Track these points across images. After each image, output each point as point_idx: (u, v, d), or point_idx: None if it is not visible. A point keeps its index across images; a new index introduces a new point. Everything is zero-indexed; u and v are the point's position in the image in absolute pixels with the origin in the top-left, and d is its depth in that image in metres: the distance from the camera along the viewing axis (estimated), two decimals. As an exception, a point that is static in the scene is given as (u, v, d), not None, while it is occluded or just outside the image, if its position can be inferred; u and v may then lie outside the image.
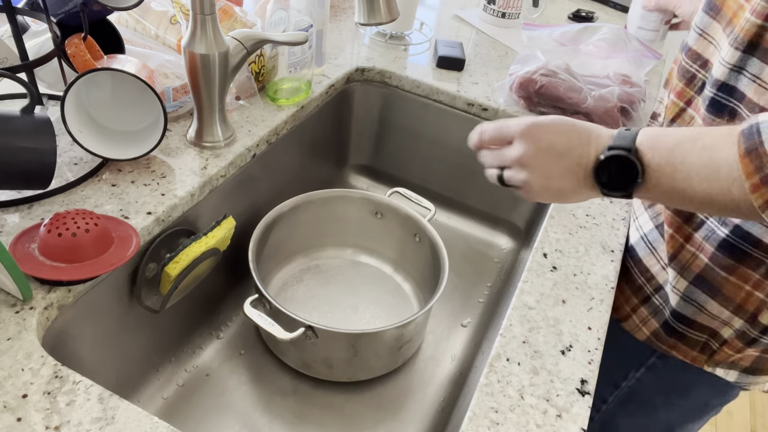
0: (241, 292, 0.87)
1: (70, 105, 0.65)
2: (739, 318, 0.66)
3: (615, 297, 0.75)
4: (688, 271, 0.67)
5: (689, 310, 0.69)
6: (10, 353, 0.50)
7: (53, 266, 0.54)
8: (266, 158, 0.84)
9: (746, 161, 0.44)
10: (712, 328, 0.69)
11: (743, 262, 0.62)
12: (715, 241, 0.64)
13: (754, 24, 0.55)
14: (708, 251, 0.65)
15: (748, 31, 0.55)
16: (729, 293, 0.65)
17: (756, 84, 0.56)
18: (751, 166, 0.44)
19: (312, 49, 0.88)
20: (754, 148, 0.44)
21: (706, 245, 0.65)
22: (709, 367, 0.72)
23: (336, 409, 0.75)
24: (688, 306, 0.68)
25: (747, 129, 0.45)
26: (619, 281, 0.76)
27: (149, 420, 0.47)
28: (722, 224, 0.63)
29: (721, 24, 0.62)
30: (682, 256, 0.67)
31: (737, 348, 0.68)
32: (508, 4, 1.21)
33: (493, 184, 0.58)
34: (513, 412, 0.52)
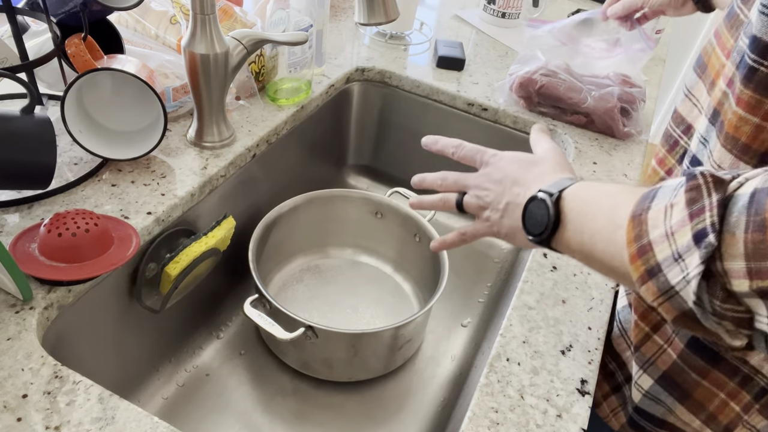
0: (241, 292, 0.87)
1: (70, 105, 0.65)
2: (711, 431, 0.58)
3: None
4: (653, 367, 0.58)
5: (657, 410, 0.61)
6: (10, 353, 0.50)
7: (53, 266, 0.54)
8: (266, 158, 0.84)
9: (630, 226, 0.38)
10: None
11: (717, 365, 0.54)
12: (685, 337, 0.55)
13: (721, 90, 0.47)
14: (677, 347, 0.55)
15: (715, 98, 0.48)
16: (700, 399, 0.56)
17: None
18: (632, 232, 0.37)
19: (312, 49, 0.88)
20: (639, 213, 0.37)
21: (675, 339, 0.56)
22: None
23: (336, 409, 0.75)
24: (655, 405, 0.61)
25: (648, 191, 0.39)
26: None
27: (149, 420, 0.47)
28: None
29: (705, 84, 0.54)
30: (647, 348, 0.58)
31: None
32: (508, 4, 1.21)
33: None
34: (513, 412, 0.52)
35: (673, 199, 0.35)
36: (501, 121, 0.96)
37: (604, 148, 0.89)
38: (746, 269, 0.31)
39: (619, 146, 0.90)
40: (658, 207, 0.36)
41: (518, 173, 0.53)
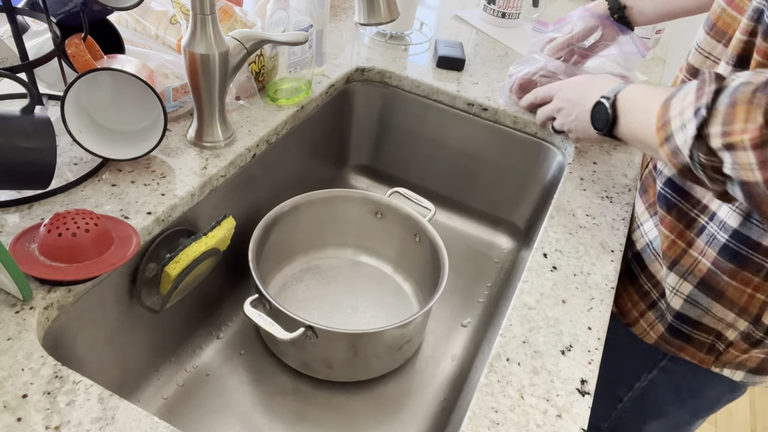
0: (241, 292, 0.87)
1: (70, 105, 0.65)
2: (743, 320, 0.67)
3: (623, 302, 0.79)
4: (692, 275, 0.68)
5: (695, 313, 0.70)
6: (10, 353, 0.50)
7: (53, 266, 0.54)
8: (266, 158, 0.84)
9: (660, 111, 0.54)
10: (718, 330, 0.69)
11: (744, 266, 0.63)
12: (717, 246, 0.64)
13: (741, 41, 0.56)
14: (710, 256, 0.65)
15: (737, 48, 0.57)
16: (732, 296, 0.65)
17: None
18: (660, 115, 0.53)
19: (312, 49, 0.88)
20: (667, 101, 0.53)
21: (708, 250, 0.66)
22: (716, 368, 0.73)
23: (336, 409, 0.75)
24: (693, 308, 0.69)
25: (676, 88, 0.53)
26: (627, 287, 0.78)
27: (149, 420, 0.47)
28: (722, 229, 0.63)
29: (720, 41, 0.64)
30: (685, 261, 0.68)
31: (743, 349, 0.69)
32: (508, 4, 1.21)
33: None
34: (513, 412, 0.52)
35: (688, 89, 0.51)
36: (501, 121, 0.96)
37: (604, 148, 0.89)
38: (721, 131, 0.46)
39: (619, 146, 0.90)
40: (678, 95, 0.52)
41: (583, 88, 0.74)
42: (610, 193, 0.80)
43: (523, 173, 0.98)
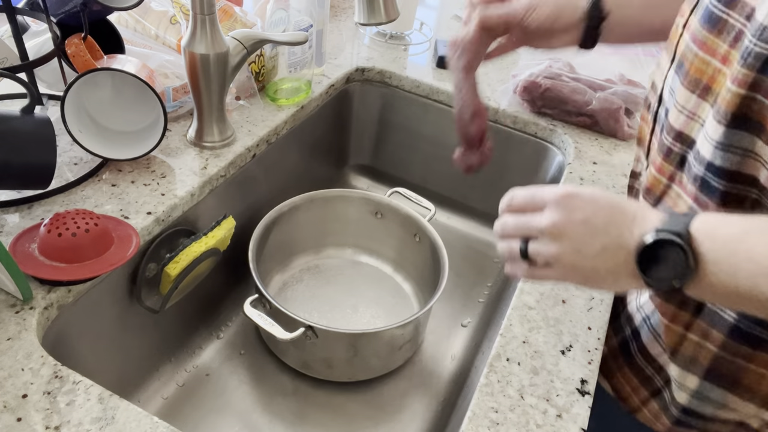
0: (241, 292, 0.87)
1: (70, 105, 0.65)
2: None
3: (620, 384, 0.67)
4: (695, 364, 0.57)
5: (707, 408, 0.59)
6: (10, 353, 0.50)
7: (53, 266, 0.54)
8: (266, 158, 0.84)
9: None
10: (739, 421, 0.59)
11: (761, 346, 0.53)
12: (725, 327, 0.54)
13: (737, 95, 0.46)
14: (716, 338, 0.55)
15: (730, 103, 0.47)
16: (751, 383, 0.55)
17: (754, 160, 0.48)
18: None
19: (312, 49, 0.88)
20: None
21: (713, 332, 0.55)
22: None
23: (336, 409, 0.75)
24: (705, 405, 0.59)
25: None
26: (623, 366, 0.67)
27: (149, 420, 0.47)
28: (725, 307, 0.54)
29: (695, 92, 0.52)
30: (685, 348, 0.57)
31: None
32: (508, 4, 1.21)
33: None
34: (513, 412, 0.52)
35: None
36: (501, 121, 0.96)
37: (604, 148, 0.89)
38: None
39: (619, 146, 0.90)
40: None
41: (609, 211, 0.45)
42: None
43: (523, 173, 0.98)
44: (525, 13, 0.63)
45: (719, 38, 0.49)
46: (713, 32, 0.49)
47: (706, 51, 0.50)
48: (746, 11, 0.46)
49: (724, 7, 0.48)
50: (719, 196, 0.50)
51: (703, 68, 0.50)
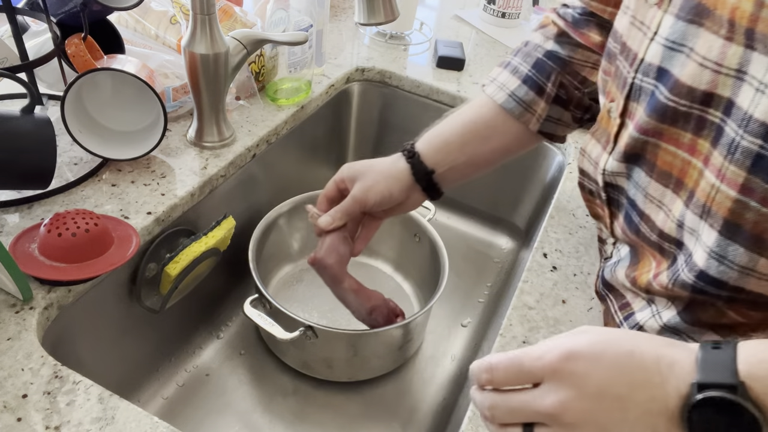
0: (241, 292, 0.87)
1: (70, 105, 0.65)
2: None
3: None
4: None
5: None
6: (10, 353, 0.50)
7: (53, 266, 0.54)
8: (266, 158, 0.84)
9: None
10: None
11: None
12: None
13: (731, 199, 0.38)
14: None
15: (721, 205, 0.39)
16: None
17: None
18: None
19: (312, 49, 0.88)
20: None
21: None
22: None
23: (336, 409, 0.75)
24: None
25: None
26: None
27: (149, 420, 0.47)
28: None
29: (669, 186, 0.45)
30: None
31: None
32: (508, 4, 1.21)
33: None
34: (513, 412, 0.52)
35: None
36: (501, 121, 0.96)
37: (604, 148, 0.89)
38: None
39: (619, 146, 0.90)
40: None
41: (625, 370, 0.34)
42: (610, 193, 0.80)
43: (523, 173, 0.98)
44: (361, 202, 0.66)
45: (676, 126, 0.43)
46: (667, 121, 0.43)
47: (669, 142, 0.44)
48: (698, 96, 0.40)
49: (671, 95, 0.42)
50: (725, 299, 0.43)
51: (670, 160, 0.44)
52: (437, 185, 0.67)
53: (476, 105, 0.67)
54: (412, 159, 0.66)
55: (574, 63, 0.62)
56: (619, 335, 0.35)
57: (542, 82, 0.62)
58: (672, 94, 0.42)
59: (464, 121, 0.67)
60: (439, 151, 0.66)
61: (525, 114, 0.64)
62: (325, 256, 0.67)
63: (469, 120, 0.66)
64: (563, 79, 0.62)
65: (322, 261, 0.68)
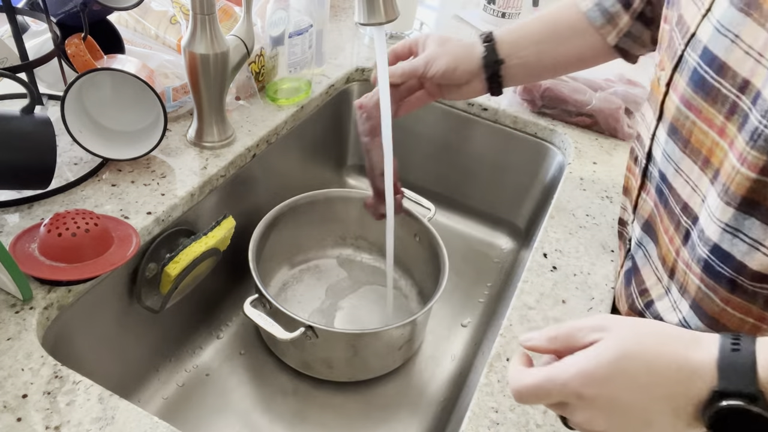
0: (241, 292, 0.87)
1: (70, 105, 0.65)
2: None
3: None
4: None
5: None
6: (10, 353, 0.50)
7: (53, 266, 0.54)
8: (266, 158, 0.84)
9: None
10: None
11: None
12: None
13: (748, 178, 0.42)
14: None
15: (740, 186, 0.43)
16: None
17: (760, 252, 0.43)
18: None
19: (312, 49, 0.88)
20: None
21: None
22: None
23: (336, 409, 0.75)
24: None
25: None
26: None
27: (149, 420, 0.47)
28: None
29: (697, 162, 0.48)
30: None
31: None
32: (508, 4, 1.21)
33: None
34: (513, 412, 0.52)
35: None
36: (501, 121, 0.96)
37: (605, 148, 0.89)
38: None
39: (620, 146, 0.90)
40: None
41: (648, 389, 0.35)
42: (610, 193, 0.80)
43: (523, 173, 0.98)
44: (424, 67, 0.66)
45: (714, 107, 0.45)
46: (707, 100, 0.46)
47: (704, 121, 0.46)
48: (738, 82, 0.43)
49: (716, 75, 0.45)
50: (727, 283, 0.46)
51: (701, 138, 0.47)
52: (501, 79, 0.67)
53: (562, 6, 0.68)
54: (488, 44, 0.67)
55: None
56: (640, 343, 0.36)
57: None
58: (718, 75, 0.44)
59: (546, 20, 0.68)
60: (514, 43, 0.67)
61: (606, 25, 0.65)
62: (371, 106, 0.68)
63: (551, 20, 0.68)
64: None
65: (366, 108, 0.68)
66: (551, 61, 0.68)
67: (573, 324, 0.39)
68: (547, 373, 0.37)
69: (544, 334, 0.40)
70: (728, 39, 0.43)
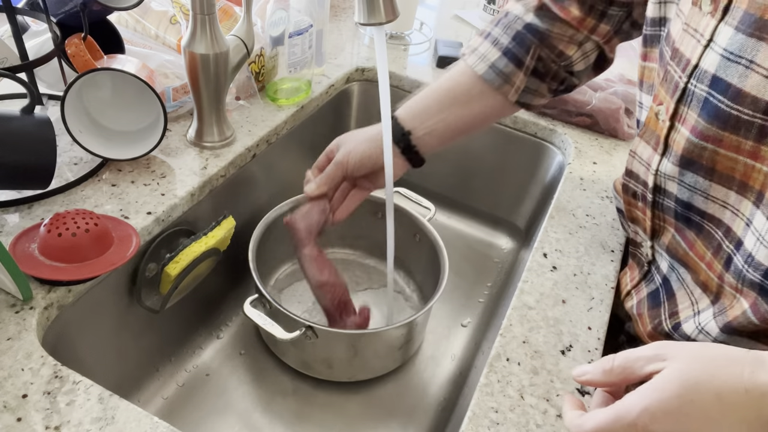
0: (241, 292, 0.87)
1: (70, 105, 0.65)
2: None
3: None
4: None
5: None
6: (10, 353, 0.50)
7: (53, 266, 0.54)
8: (266, 158, 0.84)
9: None
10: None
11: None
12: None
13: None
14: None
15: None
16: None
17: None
18: None
19: (312, 49, 0.88)
20: None
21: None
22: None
23: (336, 409, 0.75)
24: None
25: None
26: None
27: (149, 420, 0.47)
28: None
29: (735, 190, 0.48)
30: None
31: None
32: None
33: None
34: (513, 412, 0.52)
35: None
36: (501, 121, 0.96)
37: (605, 148, 0.89)
38: None
39: (620, 146, 0.90)
40: None
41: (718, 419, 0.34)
42: (611, 193, 0.80)
43: (523, 173, 0.98)
44: (344, 163, 0.68)
45: (736, 134, 0.44)
46: (726, 128, 0.45)
47: (728, 148, 0.45)
48: (761, 107, 0.42)
49: (732, 103, 0.44)
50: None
51: (730, 165, 0.46)
52: (415, 148, 0.69)
53: (456, 73, 0.69)
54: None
55: (553, 37, 0.64)
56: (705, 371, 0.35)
57: (521, 55, 0.64)
58: (735, 104, 0.43)
59: (444, 88, 0.69)
60: (417, 116, 0.68)
61: (504, 85, 0.66)
62: (296, 219, 0.70)
63: (449, 87, 0.68)
64: (541, 52, 0.64)
65: (291, 223, 0.71)
66: (457, 126, 0.69)
67: (628, 354, 0.38)
68: (612, 414, 0.35)
69: (598, 368, 0.39)
70: (741, 66, 0.42)
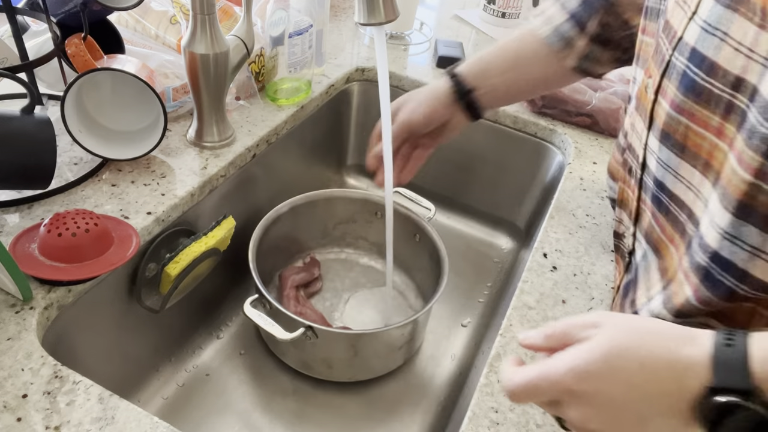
0: (241, 292, 0.87)
1: (70, 105, 0.65)
2: None
3: None
4: None
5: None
6: (10, 353, 0.50)
7: (53, 266, 0.54)
8: (266, 158, 0.84)
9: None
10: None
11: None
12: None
13: (745, 182, 0.40)
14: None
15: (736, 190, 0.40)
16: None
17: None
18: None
19: (312, 49, 0.88)
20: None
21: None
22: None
23: (336, 409, 0.75)
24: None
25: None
26: None
27: (149, 420, 0.47)
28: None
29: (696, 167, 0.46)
30: None
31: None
32: (508, 4, 1.21)
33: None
34: (513, 412, 0.52)
35: None
36: (501, 121, 0.96)
37: (604, 148, 0.89)
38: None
39: (619, 146, 0.90)
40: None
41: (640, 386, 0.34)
42: (610, 193, 0.80)
43: (523, 173, 0.98)
44: (408, 121, 0.69)
45: (707, 109, 0.44)
46: (699, 102, 0.44)
47: (699, 123, 0.44)
48: (730, 81, 0.41)
49: (706, 75, 0.43)
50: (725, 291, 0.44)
51: (699, 141, 0.45)
52: (477, 105, 0.70)
53: (522, 35, 0.70)
54: (454, 78, 0.69)
55: (621, 4, 0.64)
56: (633, 340, 0.35)
57: (586, 19, 0.64)
58: (709, 76, 0.43)
59: (507, 49, 0.70)
60: (479, 75, 0.70)
61: (565, 49, 0.66)
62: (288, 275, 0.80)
63: (512, 49, 0.70)
64: (607, 18, 0.64)
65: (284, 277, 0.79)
66: (519, 88, 0.71)
67: (569, 321, 0.39)
68: (539, 371, 0.37)
69: (541, 332, 0.40)
70: (717, 38, 0.42)
